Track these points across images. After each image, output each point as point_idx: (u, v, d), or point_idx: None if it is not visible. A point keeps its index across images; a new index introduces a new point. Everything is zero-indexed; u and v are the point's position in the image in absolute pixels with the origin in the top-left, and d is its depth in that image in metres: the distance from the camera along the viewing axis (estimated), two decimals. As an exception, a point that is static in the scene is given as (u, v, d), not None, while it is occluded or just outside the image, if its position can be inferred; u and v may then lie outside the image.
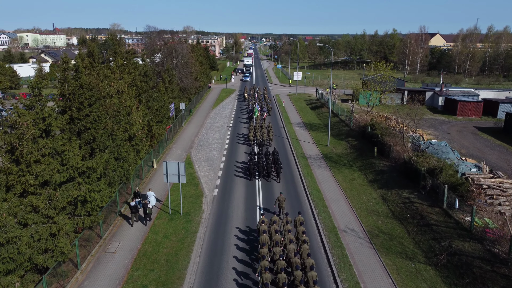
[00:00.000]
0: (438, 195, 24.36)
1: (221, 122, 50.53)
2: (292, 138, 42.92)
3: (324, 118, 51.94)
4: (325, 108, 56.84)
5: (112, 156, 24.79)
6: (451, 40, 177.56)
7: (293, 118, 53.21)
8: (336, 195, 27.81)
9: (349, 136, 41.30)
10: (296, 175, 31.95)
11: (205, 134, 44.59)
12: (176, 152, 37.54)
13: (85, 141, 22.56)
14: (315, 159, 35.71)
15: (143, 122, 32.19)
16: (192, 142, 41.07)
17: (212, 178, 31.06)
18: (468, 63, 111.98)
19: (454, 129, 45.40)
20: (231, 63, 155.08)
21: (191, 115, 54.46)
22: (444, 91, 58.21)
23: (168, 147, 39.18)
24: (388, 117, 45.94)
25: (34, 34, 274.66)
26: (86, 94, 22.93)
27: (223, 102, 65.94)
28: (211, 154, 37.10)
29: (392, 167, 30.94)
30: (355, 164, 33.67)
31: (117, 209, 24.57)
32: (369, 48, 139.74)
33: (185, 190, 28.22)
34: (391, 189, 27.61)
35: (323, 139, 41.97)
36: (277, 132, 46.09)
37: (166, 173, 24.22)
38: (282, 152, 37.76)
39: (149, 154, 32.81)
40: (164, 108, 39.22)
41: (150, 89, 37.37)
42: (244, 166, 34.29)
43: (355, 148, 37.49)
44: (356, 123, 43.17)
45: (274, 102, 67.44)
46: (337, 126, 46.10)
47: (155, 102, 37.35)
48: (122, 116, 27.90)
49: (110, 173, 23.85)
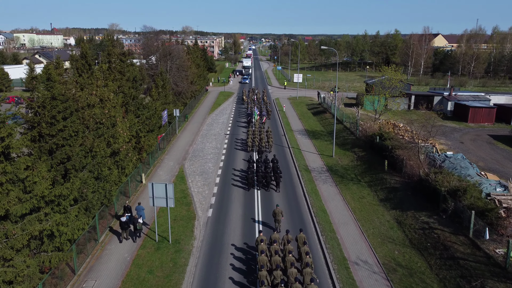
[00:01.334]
0: (462, 221, 21.41)
1: (218, 129, 47.54)
2: (294, 147, 39.94)
3: (327, 124, 48.97)
4: (328, 113, 53.88)
5: (91, 175, 21.84)
6: (453, 41, 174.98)
7: (294, 125, 50.24)
8: (344, 216, 24.85)
9: (355, 146, 38.33)
10: (299, 192, 28.98)
11: (201, 143, 41.59)
12: (168, 165, 34.54)
13: (57, 161, 19.56)
14: (319, 172, 32.74)
15: (130, 134, 29.21)
16: (186, 153, 38.08)
17: (206, 196, 28.08)
18: (473, 65, 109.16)
19: (467, 138, 42.47)
20: (229, 64, 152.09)
21: (187, 121, 51.48)
22: (453, 95, 55.29)
23: (160, 158, 36.18)
24: (397, 125, 42.96)
25: (30, 35, 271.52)
26: (60, 106, 19.96)
27: (221, 106, 62.94)
28: (206, 167, 34.11)
29: (405, 184, 27.97)
30: (363, 179, 30.70)
31: (97, 235, 21.57)
32: (371, 49, 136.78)
33: (176, 211, 25.24)
34: (406, 210, 24.65)
35: (327, 149, 39.00)
36: (278, 140, 43.12)
37: (152, 196, 21.25)
38: (284, 164, 34.80)
39: (138, 168, 29.83)
40: (156, 116, 36.22)
41: (140, 96, 34.37)
42: (242, 174, 32.47)
43: (363, 160, 34.52)
44: (363, 131, 40.20)
45: (274, 106, 64.56)
46: (342, 134, 43.13)
47: (145, 110, 34.37)
48: (105, 129, 24.92)
49: (89, 195, 20.88)
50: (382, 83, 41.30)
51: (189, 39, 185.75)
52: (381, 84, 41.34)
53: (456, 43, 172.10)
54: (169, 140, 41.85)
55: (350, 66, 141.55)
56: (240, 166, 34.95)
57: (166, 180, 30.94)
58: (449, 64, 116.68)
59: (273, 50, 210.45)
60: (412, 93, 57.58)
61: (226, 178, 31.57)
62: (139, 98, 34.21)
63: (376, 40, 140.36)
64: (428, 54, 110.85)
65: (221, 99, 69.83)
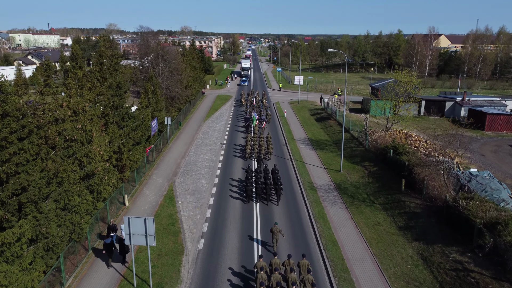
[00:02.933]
0: (505, 262, 17.69)
1: (214, 138, 43.77)
2: (297, 160, 36.20)
3: (332, 133, 45.22)
4: (333, 120, 50.13)
5: (56, 206, 18.10)
6: (456, 41, 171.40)
7: (296, 133, 46.49)
8: (359, 250, 21.12)
9: (365, 159, 34.59)
10: (305, 216, 25.23)
11: (194, 154, 37.82)
12: (157, 182, 30.75)
13: (8, 194, 15.79)
14: (326, 191, 29.01)
15: (110, 149, 25.44)
16: (178, 166, 34.31)
17: (197, 222, 24.32)
18: (479, 66, 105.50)
19: (487, 149, 38.77)
20: (228, 65, 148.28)
21: (180, 129, 47.69)
22: (466, 100, 51.63)
23: (148, 173, 32.40)
24: (409, 135, 39.25)
25: (26, 35, 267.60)
26: (14, 125, 16.21)
27: (218, 111, 59.14)
28: (199, 184, 30.36)
29: (427, 209, 24.25)
30: (377, 200, 26.97)
31: (63, 279, 17.79)
32: (373, 50, 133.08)
33: (161, 243, 21.51)
34: (432, 243, 20.92)
35: (334, 162, 35.27)
36: (279, 151, 39.38)
37: (129, 233, 17.48)
38: (286, 180, 31.08)
39: (120, 189, 26.07)
40: (143, 126, 32.44)
41: (125, 104, 30.57)
42: (240, 184, 30.25)
43: (375, 176, 30.78)
44: (373, 142, 36.50)
45: (274, 110, 60.90)
46: (349, 144, 39.38)
47: (130, 120, 30.60)
48: (78, 147, 21.16)
49: (53, 230, 17.15)
50: (394, 89, 37.54)
51: (187, 39, 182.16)
52: (393, 90, 37.58)
53: (459, 43, 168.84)
54: (159, 151, 38.09)
55: (352, 67, 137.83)
56: (238, 175, 32.53)
57: (153, 201, 27.18)
58: (454, 66, 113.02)
59: (272, 51, 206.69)
60: (423, 98, 53.84)
61: (221, 198, 27.82)
62: (124, 107, 30.43)
63: (379, 41, 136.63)
64: (434, 55, 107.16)
65: (218, 103, 66.05)
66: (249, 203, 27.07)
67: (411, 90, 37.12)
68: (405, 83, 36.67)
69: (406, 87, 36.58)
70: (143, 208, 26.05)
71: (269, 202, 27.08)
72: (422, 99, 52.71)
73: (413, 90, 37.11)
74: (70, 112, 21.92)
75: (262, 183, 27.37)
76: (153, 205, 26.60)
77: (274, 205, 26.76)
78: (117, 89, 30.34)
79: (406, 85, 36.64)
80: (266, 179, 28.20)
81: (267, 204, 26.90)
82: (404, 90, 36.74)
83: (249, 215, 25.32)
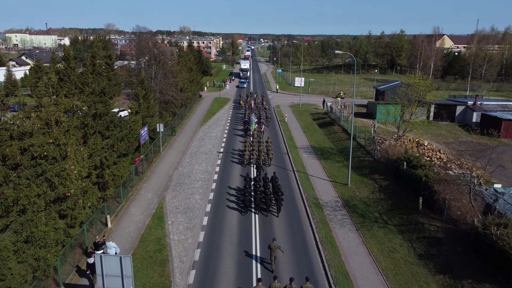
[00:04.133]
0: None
1: (210, 146, 40.80)
2: (300, 171, 33.25)
3: (337, 140, 42.26)
4: (337, 126, 47.18)
5: (19, 237, 15.18)
6: (458, 41, 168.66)
7: (298, 140, 43.53)
8: (374, 284, 18.19)
9: (374, 171, 31.65)
10: (310, 240, 22.30)
11: (188, 165, 34.86)
12: (145, 198, 27.79)
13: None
14: (333, 209, 26.07)
15: (90, 165, 22.49)
16: (170, 179, 31.35)
17: (189, 247, 21.39)
18: (484, 68, 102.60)
19: (506, 159, 35.81)
20: (227, 66, 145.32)
21: (174, 135, 44.71)
22: (478, 105, 48.71)
23: (136, 188, 29.42)
24: (421, 143, 36.32)
25: (23, 35, 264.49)
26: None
27: (215, 115, 56.16)
28: (192, 200, 27.41)
29: (451, 233, 21.32)
30: (391, 221, 24.04)
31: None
32: (375, 50, 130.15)
33: (145, 275, 18.58)
34: (460, 278, 17.99)
35: (340, 173, 32.35)
36: (280, 160, 36.45)
37: (101, 274, 14.53)
38: (289, 195, 28.18)
39: (102, 208, 23.13)
40: (131, 136, 29.46)
41: (111, 112, 27.60)
42: (238, 193, 28.59)
43: (387, 192, 27.82)
44: (382, 151, 33.58)
45: (274, 114, 58.09)
46: (356, 153, 36.44)
47: (116, 130, 27.66)
48: (47, 165, 18.20)
49: (13, 266, 14.23)
50: (406, 94, 34.60)
51: (186, 39, 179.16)
52: (405, 95, 34.64)
53: (460, 44, 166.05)
54: (150, 161, 35.13)
55: (353, 68, 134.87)
56: (235, 182, 30.90)
57: (139, 221, 24.22)
58: (459, 67, 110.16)
59: (272, 51, 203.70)
60: (432, 102, 50.84)
61: (216, 217, 24.87)
62: (110, 115, 27.46)
63: (381, 41, 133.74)
64: (439, 56, 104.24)
65: (215, 106, 63.07)
66: (247, 214, 25.42)
67: (427, 95, 34.18)
68: (418, 87, 33.74)
69: (419, 91, 33.65)
70: (127, 230, 23.11)
71: (269, 213, 25.33)
72: (431, 103, 49.70)
73: (428, 95, 34.12)
74: (40, 124, 18.97)
75: (261, 192, 25.81)
76: (139, 226, 23.65)
77: (275, 218, 24.93)
78: (101, 95, 27.38)
79: (420, 89, 33.72)
80: (266, 188, 26.35)
81: (267, 215, 25.06)
82: (417, 95, 33.82)
83: (247, 230, 23.39)
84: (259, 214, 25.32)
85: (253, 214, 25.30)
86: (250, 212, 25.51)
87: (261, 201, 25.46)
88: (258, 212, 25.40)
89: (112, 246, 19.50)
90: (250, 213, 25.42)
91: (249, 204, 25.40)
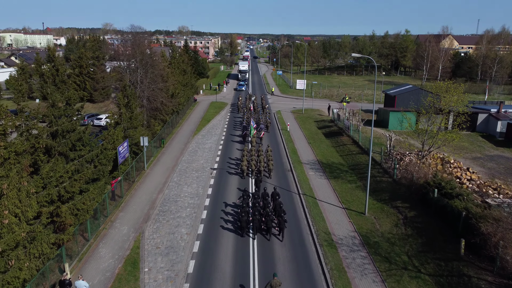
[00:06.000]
0: None
1: (203, 160, 35.83)
2: (307, 194, 28.31)
3: (346, 154, 37.28)
4: (345, 136, 42.22)
5: None
6: (462, 42, 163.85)
7: (303, 152, 38.57)
8: None
9: (395, 196, 26.69)
10: (325, 298, 17.36)
11: (176, 185, 29.90)
12: (120, 233, 22.78)
13: None
14: (350, 248, 21.13)
15: (43, 199, 17.52)
16: (152, 206, 26.37)
17: (167, 310, 16.42)
18: (494, 69, 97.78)
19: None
20: (225, 67, 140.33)
21: (163, 147, 39.70)
22: (503, 112, 43.80)
23: (110, 218, 24.42)
24: (446, 160, 31.39)
25: (17, 34, 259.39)
26: None
27: (210, 123, 51.16)
28: (177, 236, 22.45)
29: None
30: (424, 268, 19.10)
31: None
32: (379, 51, 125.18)
33: None
34: None
35: (355, 198, 27.42)
36: (283, 179, 31.51)
37: None
38: (295, 227, 23.31)
39: (58, 257, 18.16)
40: (104, 156, 24.48)
41: (76, 128, 22.62)
42: (235, 210, 25.52)
43: (415, 226, 22.86)
44: (403, 171, 28.67)
45: (274, 120, 53.34)
46: (370, 172, 31.46)
47: (85, 149, 22.72)
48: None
49: None
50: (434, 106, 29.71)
51: (183, 39, 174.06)
52: (434, 109, 29.73)
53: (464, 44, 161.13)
54: (132, 181, 30.16)
55: (356, 69, 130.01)
56: (232, 197, 27.82)
57: (108, 269, 19.24)
58: (467, 68, 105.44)
59: (271, 52, 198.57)
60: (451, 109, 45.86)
61: (205, 260, 19.90)
62: (76, 132, 22.49)
63: (385, 41, 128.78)
64: (447, 57, 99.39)
65: (211, 112, 58.06)
66: (245, 238, 22.05)
67: (460, 106, 29.37)
68: (449, 97, 28.90)
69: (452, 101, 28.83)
70: (91, 283, 18.10)
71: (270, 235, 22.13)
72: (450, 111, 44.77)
73: (461, 108, 29.29)
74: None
75: (260, 212, 22.65)
76: (106, 277, 18.66)
77: (277, 245, 21.49)
78: (66, 107, 22.44)
79: (453, 100, 28.89)
80: (266, 207, 23.21)
81: (269, 239, 21.88)
82: (448, 105, 28.98)
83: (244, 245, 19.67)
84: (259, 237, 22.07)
85: (251, 239, 21.92)
86: (248, 236, 22.24)
87: (260, 223, 22.27)
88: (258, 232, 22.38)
89: (83, 285, 16.42)
90: (248, 238, 21.98)
91: (246, 226, 22.10)
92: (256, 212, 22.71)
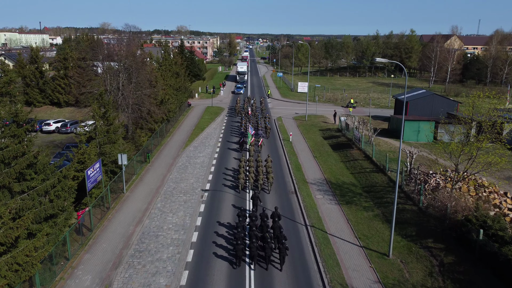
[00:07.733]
0: None
1: (193, 180, 31.02)
2: (315, 226, 23.52)
3: (358, 171, 32.47)
4: (356, 149, 37.39)
5: None
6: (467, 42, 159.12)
7: (308, 169, 33.78)
8: None
9: (425, 232, 21.87)
10: None
11: (159, 214, 25.09)
12: (81, 285, 17.96)
13: None
14: (375, 310, 16.33)
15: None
16: (127, 243, 21.54)
17: None
18: (505, 71, 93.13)
19: None
20: (223, 68, 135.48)
21: (148, 162, 34.86)
22: (532, 122, 38.98)
23: (71, 264, 19.57)
24: (480, 183, 26.61)
25: (12, 33, 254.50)
26: None
27: (204, 132, 46.29)
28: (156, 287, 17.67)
29: None
30: None
31: None
32: (383, 51, 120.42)
33: None
34: None
35: (373, 231, 22.65)
36: (286, 204, 26.73)
37: None
38: (303, 276, 18.50)
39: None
40: (63, 186, 19.65)
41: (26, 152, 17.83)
42: (230, 232, 22.43)
43: (455, 277, 18.04)
44: (431, 199, 23.90)
45: (274, 125, 48.72)
46: (389, 196, 26.75)
47: (37, 177, 17.98)
48: None
49: None
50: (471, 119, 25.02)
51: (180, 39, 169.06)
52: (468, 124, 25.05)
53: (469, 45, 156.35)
54: (107, 208, 25.35)
55: (359, 71, 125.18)
56: (227, 217, 24.45)
57: None
58: (476, 70, 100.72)
59: (271, 52, 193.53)
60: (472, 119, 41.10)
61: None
62: (26, 157, 17.70)
63: (389, 42, 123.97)
64: (457, 58, 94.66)
65: (206, 119, 53.22)
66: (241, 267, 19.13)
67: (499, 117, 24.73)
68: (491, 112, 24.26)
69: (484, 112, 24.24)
70: None
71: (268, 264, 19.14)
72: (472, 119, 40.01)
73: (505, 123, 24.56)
74: None
75: (257, 238, 20.01)
76: None
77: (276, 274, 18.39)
78: (10, 126, 17.70)
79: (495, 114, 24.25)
80: (264, 231, 20.67)
81: (267, 269, 18.97)
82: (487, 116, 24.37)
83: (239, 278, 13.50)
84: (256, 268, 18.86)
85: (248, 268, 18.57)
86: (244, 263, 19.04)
87: (257, 251, 19.46)
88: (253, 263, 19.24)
89: None
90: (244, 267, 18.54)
91: (241, 255, 19.18)
92: (253, 239, 19.63)
